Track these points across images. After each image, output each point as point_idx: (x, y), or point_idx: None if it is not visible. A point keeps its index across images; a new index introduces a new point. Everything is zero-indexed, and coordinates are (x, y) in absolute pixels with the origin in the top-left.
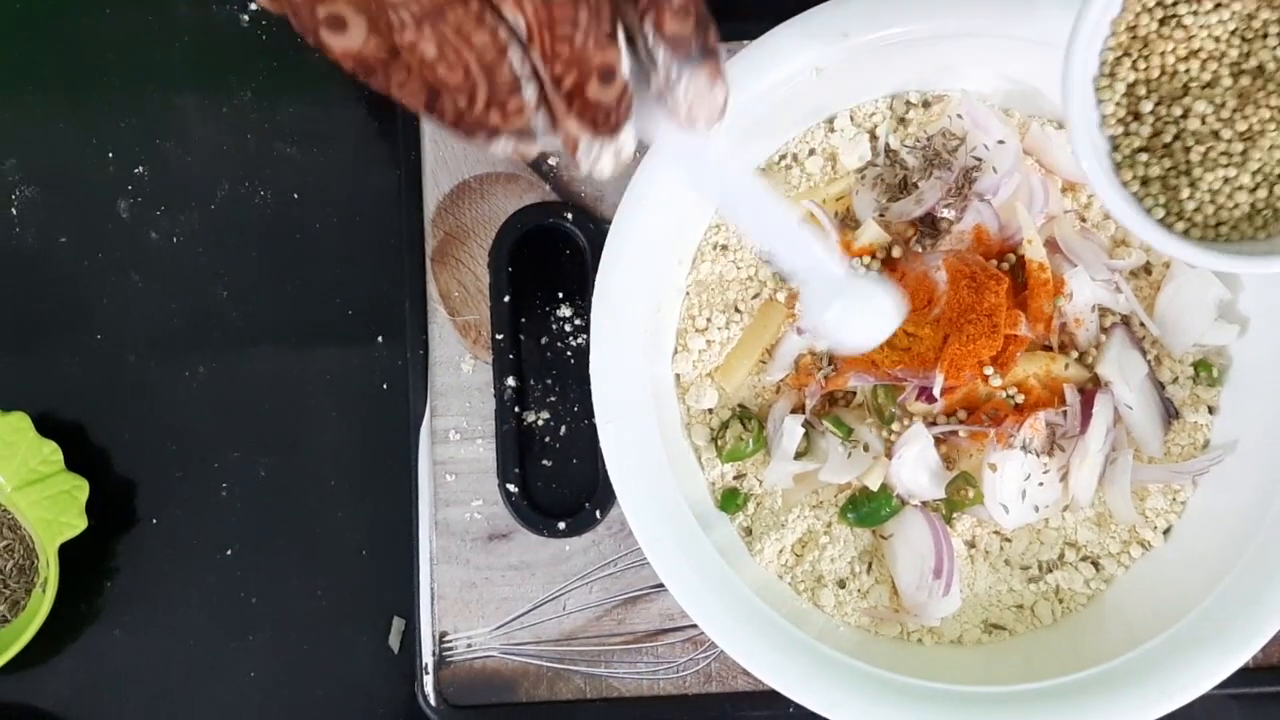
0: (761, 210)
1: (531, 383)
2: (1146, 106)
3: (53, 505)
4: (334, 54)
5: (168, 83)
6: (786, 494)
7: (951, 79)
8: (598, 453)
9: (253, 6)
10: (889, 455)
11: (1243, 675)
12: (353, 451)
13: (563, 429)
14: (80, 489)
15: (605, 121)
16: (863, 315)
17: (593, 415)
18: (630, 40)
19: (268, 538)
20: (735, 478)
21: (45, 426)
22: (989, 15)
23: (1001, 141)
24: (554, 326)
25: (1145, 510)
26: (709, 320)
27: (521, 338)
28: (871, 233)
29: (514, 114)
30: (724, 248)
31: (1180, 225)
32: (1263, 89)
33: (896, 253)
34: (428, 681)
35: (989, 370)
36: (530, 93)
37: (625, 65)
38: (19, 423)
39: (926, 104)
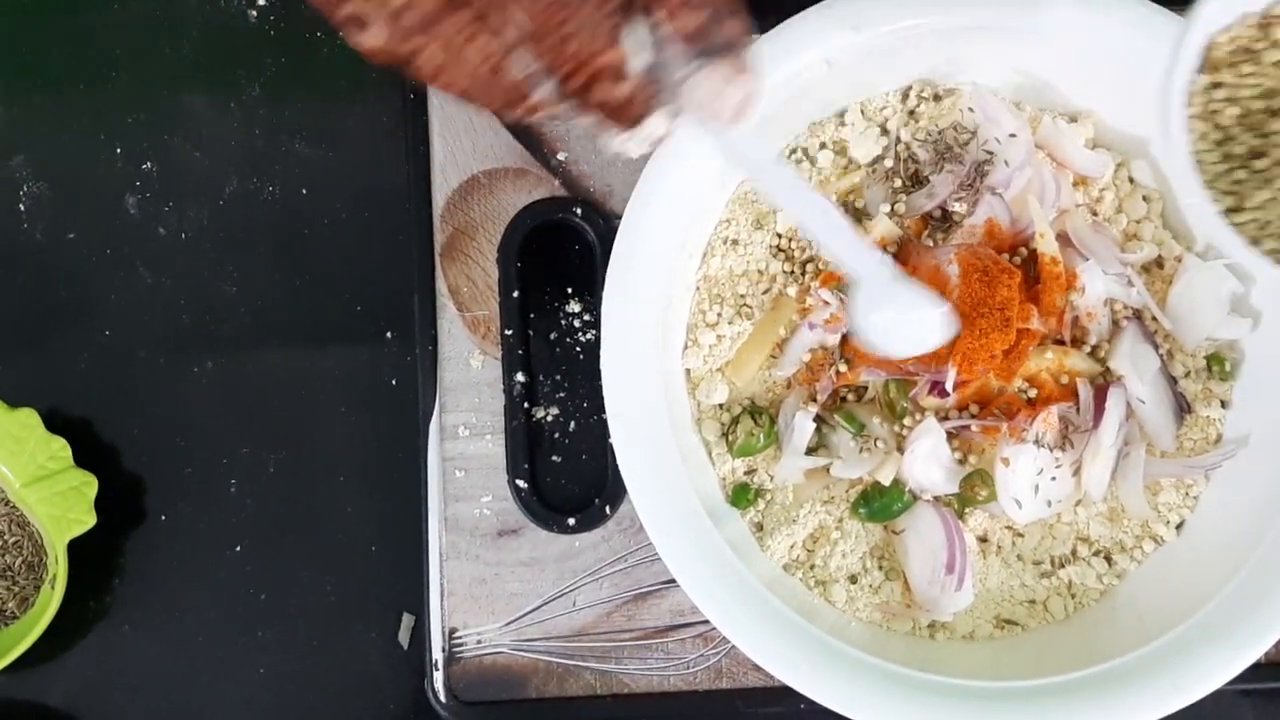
0: (803, 204)
1: (541, 378)
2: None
3: (61, 501)
4: (360, 49)
5: (176, 78)
6: (798, 489)
7: (962, 72)
8: (607, 448)
9: (261, 1)
10: (901, 450)
11: (1255, 671)
12: (362, 447)
13: (572, 424)
14: (89, 485)
15: (623, 116)
16: (911, 327)
17: (602, 411)
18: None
19: (277, 534)
20: (746, 473)
21: (54, 423)
22: (999, 8)
23: (1013, 135)
24: (563, 322)
25: (1158, 505)
26: (719, 315)
27: (531, 333)
28: (883, 227)
29: (531, 109)
30: (734, 242)
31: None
32: None
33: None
34: (437, 678)
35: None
36: (544, 91)
37: (640, 60)
38: (27, 419)
39: (937, 97)
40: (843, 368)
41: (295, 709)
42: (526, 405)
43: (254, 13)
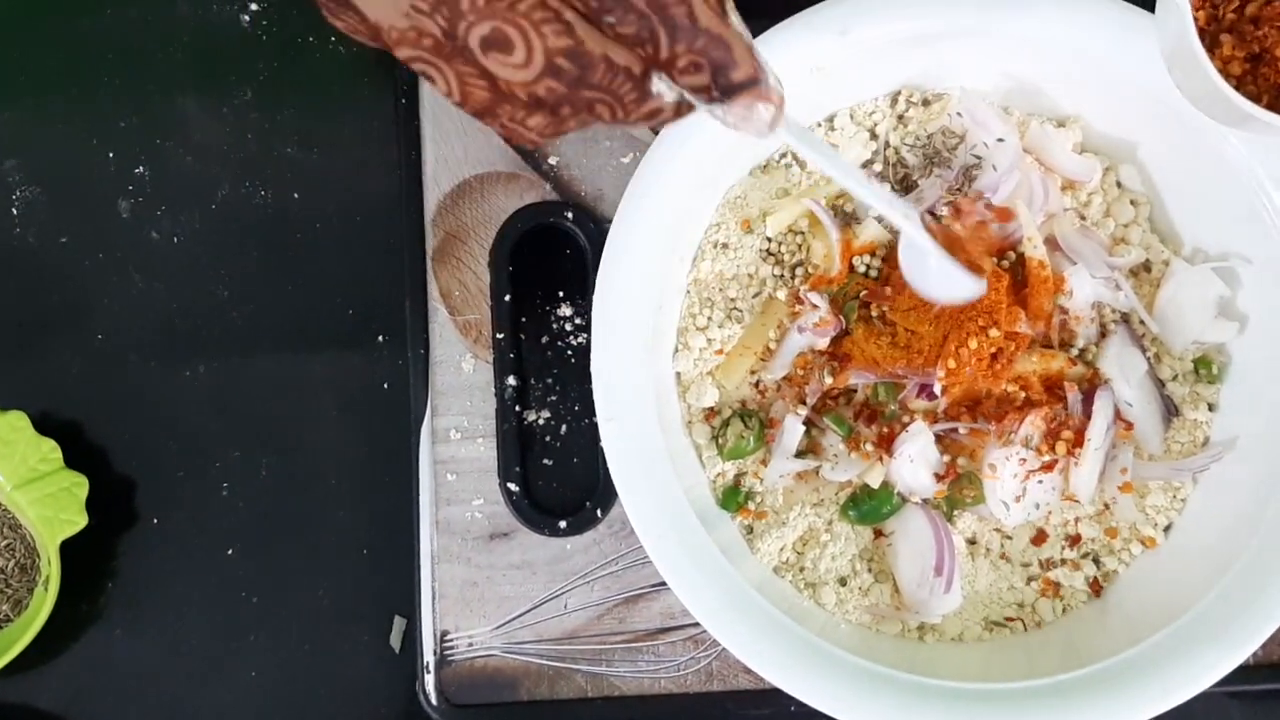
0: (839, 173)
1: (532, 382)
2: None
3: (53, 503)
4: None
5: (168, 83)
6: (787, 492)
7: (951, 77)
8: (598, 452)
9: (253, 6)
10: (890, 453)
11: (1242, 673)
12: (354, 451)
13: (563, 428)
14: (80, 486)
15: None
16: (943, 275)
17: (593, 414)
18: None
19: (269, 537)
20: (736, 476)
21: (46, 426)
22: (987, 13)
23: (1001, 139)
24: (554, 326)
25: (1146, 507)
26: (710, 318)
27: (522, 337)
28: (872, 231)
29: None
30: (724, 246)
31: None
32: None
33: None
34: (429, 680)
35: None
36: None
37: (671, 96)
38: (17, 421)
39: (926, 102)
40: (833, 368)
41: (286, 711)
42: (518, 409)
43: (246, 18)
